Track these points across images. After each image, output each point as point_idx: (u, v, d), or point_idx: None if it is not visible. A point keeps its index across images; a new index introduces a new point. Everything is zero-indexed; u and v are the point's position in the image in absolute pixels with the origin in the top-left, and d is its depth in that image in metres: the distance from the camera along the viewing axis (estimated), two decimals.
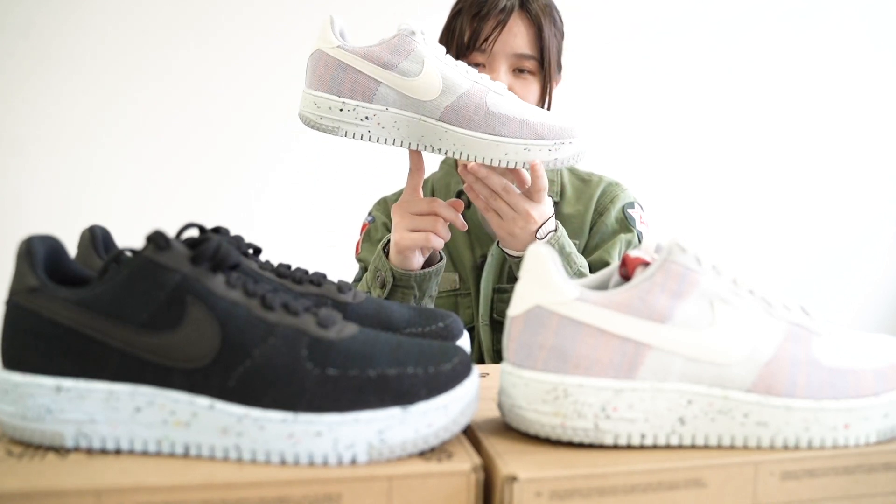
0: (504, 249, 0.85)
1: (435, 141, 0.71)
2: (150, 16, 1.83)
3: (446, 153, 0.71)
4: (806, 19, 2.10)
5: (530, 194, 0.79)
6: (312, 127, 0.70)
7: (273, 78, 1.86)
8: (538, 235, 0.81)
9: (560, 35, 0.99)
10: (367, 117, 0.69)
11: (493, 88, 0.72)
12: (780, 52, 2.11)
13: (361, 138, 0.70)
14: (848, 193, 2.18)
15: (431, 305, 0.89)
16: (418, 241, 0.80)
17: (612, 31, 2.02)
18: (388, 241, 0.86)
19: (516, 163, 0.71)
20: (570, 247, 0.85)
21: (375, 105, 0.69)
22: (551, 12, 0.97)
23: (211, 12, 1.86)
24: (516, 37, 0.93)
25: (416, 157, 0.80)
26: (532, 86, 0.96)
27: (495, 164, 0.71)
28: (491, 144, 0.70)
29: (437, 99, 0.69)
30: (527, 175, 0.78)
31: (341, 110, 0.69)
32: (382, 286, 0.85)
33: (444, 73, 0.70)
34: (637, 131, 2.04)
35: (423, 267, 0.85)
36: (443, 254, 0.88)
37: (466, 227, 0.83)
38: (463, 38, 0.93)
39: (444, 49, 0.72)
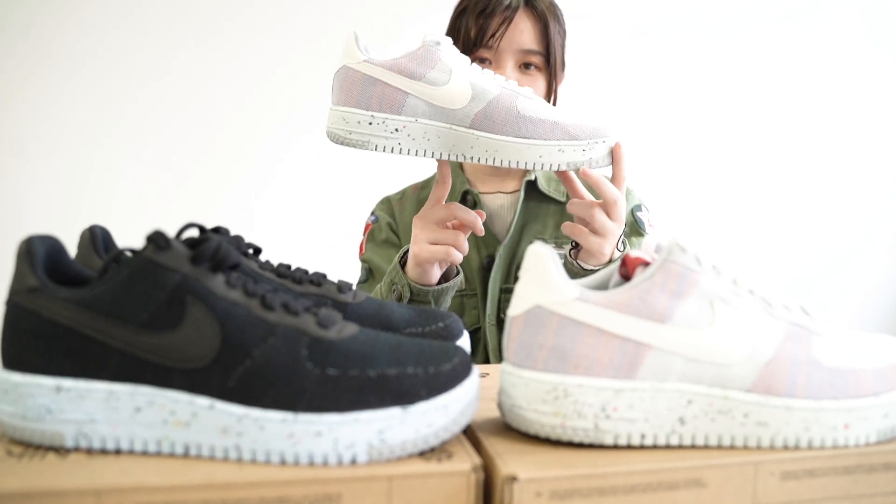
0: (583, 265, 0.81)
1: (466, 149, 0.70)
2: (150, 16, 1.83)
3: (479, 160, 0.70)
4: (806, 19, 2.11)
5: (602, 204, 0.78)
6: (342, 143, 0.70)
7: (273, 78, 1.86)
8: (618, 247, 0.80)
9: (563, 33, 1.00)
10: (396, 129, 0.69)
11: (521, 93, 0.71)
12: (780, 51, 2.11)
13: (392, 151, 0.69)
14: (848, 193, 2.18)
15: None
16: (438, 254, 0.79)
17: (612, 30, 2.03)
18: (404, 253, 0.85)
19: (551, 165, 0.70)
20: None
21: (404, 117, 0.68)
22: (555, 10, 0.99)
23: (211, 12, 1.86)
24: (523, 33, 0.94)
25: (443, 170, 0.79)
26: (538, 81, 0.97)
27: (529, 167, 0.70)
28: (524, 148, 0.69)
29: (466, 106, 0.69)
30: (574, 178, 0.78)
31: (370, 124, 0.68)
32: (399, 300, 0.84)
33: (472, 80, 0.70)
34: (637, 131, 2.04)
35: (440, 281, 0.84)
36: (459, 267, 0.87)
37: (483, 233, 0.81)
38: (469, 35, 0.94)
39: (468, 59, 0.72)
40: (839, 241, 2.20)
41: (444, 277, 0.85)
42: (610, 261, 0.80)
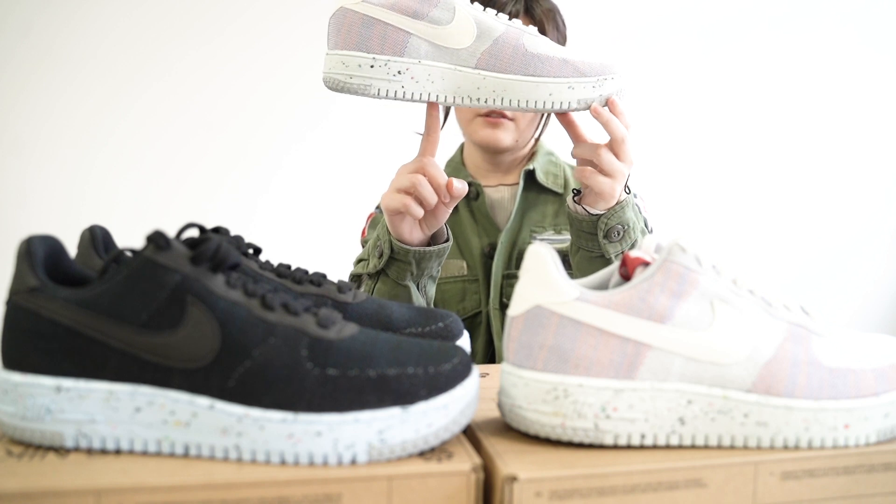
0: (590, 210, 0.79)
1: (473, 90, 0.68)
2: (152, 16, 1.83)
3: (486, 102, 0.68)
4: (805, 19, 2.11)
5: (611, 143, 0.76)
6: (341, 90, 0.67)
7: (274, 79, 1.86)
8: (626, 189, 0.79)
9: (563, 39, 1.02)
10: (399, 72, 0.66)
11: (527, 31, 0.69)
12: (780, 51, 2.11)
13: (395, 95, 0.66)
14: (848, 193, 2.18)
15: (433, 287, 0.87)
16: (394, 201, 0.75)
17: (612, 33, 2.02)
18: None
19: (561, 103, 0.68)
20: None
21: (407, 58, 0.66)
22: (554, 17, 1.00)
23: (213, 12, 1.86)
24: None
25: (430, 121, 0.75)
26: None
27: (539, 106, 0.68)
28: (533, 86, 0.67)
29: (471, 45, 0.67)
30: (576, 122, 0.76)
31: (372, 67, 0.65)
32: (380, 256, 0.82)
33: (476, 17, 0.67)
34: (637, 131, 2.03)
35: (431, 243, 0.82)
36: (450, 234, 0.84)
37: (448, 199, 0.77)
38: None
39: None
40: (839, 241, 2.19)
41: (435, 243, 0.83)
42: (617, 203, 0.78)
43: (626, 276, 0.49)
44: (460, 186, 0.76)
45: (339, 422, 0.41)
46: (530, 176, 1.05)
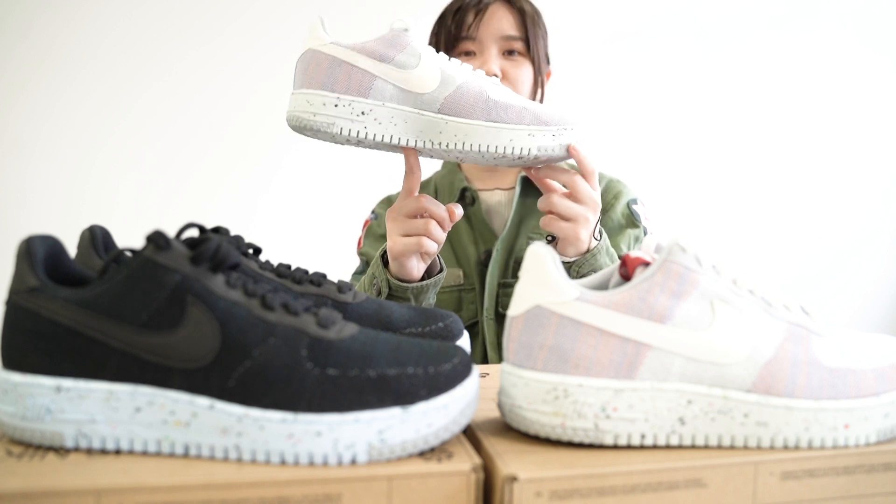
0: (564, 258, 0.79)
1: (435, 134, 0.69)
2: (152, 16, 1.83)
3: (447, 146, 0.69)
4: (804, 19, 2.11)
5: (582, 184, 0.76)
6: (304, 127, 0.68)
7: (274, 79, 1.86)
8: (595, 236, 0.79)
9: (543, 26, 1.04)
10: (363, 112, 0.67)
11: (491, 80, 0.71)
12: (779, 52, 2.11)
13: (357, 135, 0.67)
14: (847, 193, 2.18)
15: None
16: (410, 246, 0.77)
17: (609, 31, 2.02)
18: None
19: (521, 149, 0.69)
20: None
21: (371, 100, 0.67)
22: (532, 6, 1.02)
23: (212, 13, 1.86)
24: (501, 20, 0.98)
25: (411, 159, 0.76)
26: (524, 67, 1.00)
27: (500, 151, 0.69)
28: (493, 131, 0.68)
29: (435, 91, 0.68)
30: (549, 181, 0.77)
31: (336, 106, 0.66)
32: (378, 294, 0.83)
33: (441, 65, 0.69)
34: (636, 131, 2.04)
35: (424, 275, 0.83)
36: (443, 264, 0.85)
37: (460, 215, 0.80)
38: (450, 32, 0.99)
39: (434, 49, 0.72)
40: (839, 241, 2.20)
41: (429, 274, 0.84)
42: (588, 251, 0.79)
43: (626, 276, 0.49)
44: (458, 211, 0.78)
45: (339, 422, 0.41)
46: (527, 180, 1.04)
